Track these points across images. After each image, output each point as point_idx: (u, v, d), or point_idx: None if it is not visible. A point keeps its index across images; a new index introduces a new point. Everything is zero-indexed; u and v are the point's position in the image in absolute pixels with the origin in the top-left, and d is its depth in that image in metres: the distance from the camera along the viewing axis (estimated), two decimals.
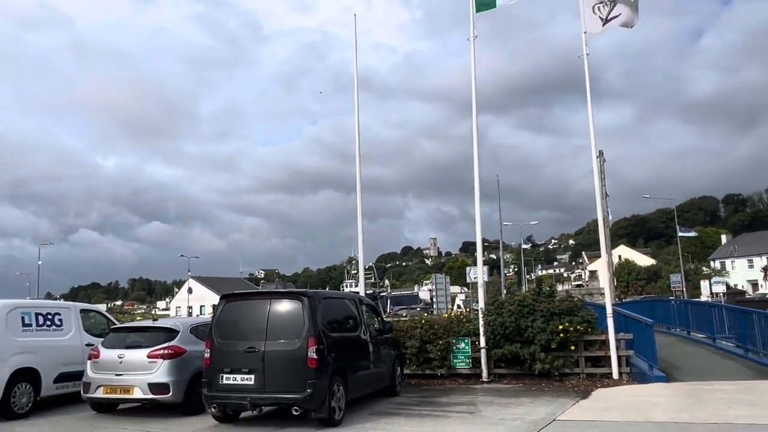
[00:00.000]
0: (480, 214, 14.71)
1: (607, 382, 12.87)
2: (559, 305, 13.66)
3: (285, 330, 9.38)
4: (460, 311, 24.17)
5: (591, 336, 13.53)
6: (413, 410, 10.49)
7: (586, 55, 14.25)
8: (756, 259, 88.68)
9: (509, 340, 13.55)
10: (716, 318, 15.72)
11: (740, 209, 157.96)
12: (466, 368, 14.07)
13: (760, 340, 13.23)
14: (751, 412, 8.95)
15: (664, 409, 9.54)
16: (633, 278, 78.76)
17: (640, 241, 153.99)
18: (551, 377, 13.25)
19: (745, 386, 11.02)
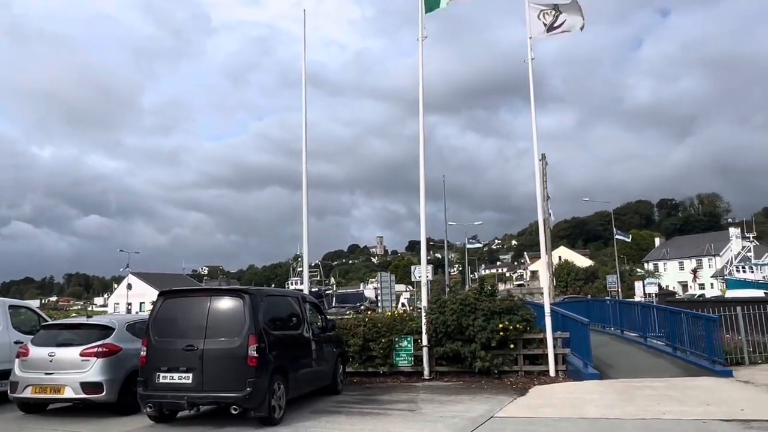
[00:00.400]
0: (425, 214, 14.88)
1: (544, 379, 13.21)
2: (499, 304, 13.94)
3: (225, 328, 9.23)
4: (405, 309, 24.34)
5: (530, 334, 13.86)
6: (354, 408, 10.49)
7: (531, 59, 14.57)
8: (686, 261, 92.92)
9: (451, 339, 13.73)
10: (648, 318, 16.38)
11: (673, 213, 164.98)
12: (408, 366, 14.18)
13: (687, 339, 13.86)
14: (678, 408, 9.36)
15: (597, 405, 9.86)
16: (572, 278, 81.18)
17: (579, 243, 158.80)
18: (491, 375, 13.51)
19: (673, 383, 11.52)
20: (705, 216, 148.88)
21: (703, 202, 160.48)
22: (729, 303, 17.84)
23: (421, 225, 14.89)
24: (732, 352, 13.98)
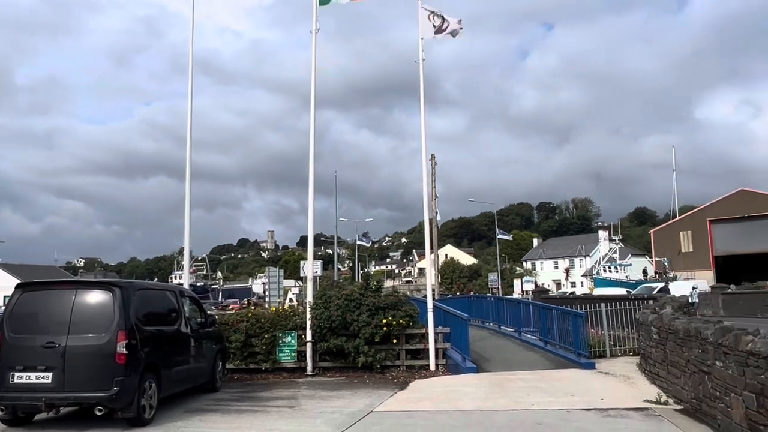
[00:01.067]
0: (312, 209, 14.73)
1: (424, 373, 13.51)
2: (384, 300, 14.09)
3: (92, 323, 8.61)
4: (292, 305, 24.03)
5: (413, 330, 14.12)
6: (232, 406, 10.17)
7: (422, 60, 14.85)
8: (560, 261, 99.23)
9: (335, 334, 13.70)
10: (522, 314, 17.28)
11: (551, 216, 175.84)
12: (291, 362, 13.99)
13: (557, 333, 14.73)
14: (546, 399, 9.90)
15: (472, 398, 10.22)
16: (457, 276, 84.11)
17: (465, 242, 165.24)
18: (374, 370, 13.62)
19: (543, 375, 12.20)
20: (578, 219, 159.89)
21: (577, 206, 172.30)
22: (595, 300, 19.18)
23: (309, 220, 14.75)
24: (596, 345, 15.02)
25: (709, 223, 64.72)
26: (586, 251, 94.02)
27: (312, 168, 14.77)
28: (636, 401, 9.58)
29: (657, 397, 9.67)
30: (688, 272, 59.27)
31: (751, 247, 60.90)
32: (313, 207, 14.73)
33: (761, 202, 60.66)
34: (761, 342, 6.69)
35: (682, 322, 9.47)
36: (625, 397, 9.99)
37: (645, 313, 12.06)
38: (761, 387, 6.48)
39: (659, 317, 10.76)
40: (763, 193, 63.11)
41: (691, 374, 8.85)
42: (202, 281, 79.19)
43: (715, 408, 7.90)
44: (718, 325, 8.31)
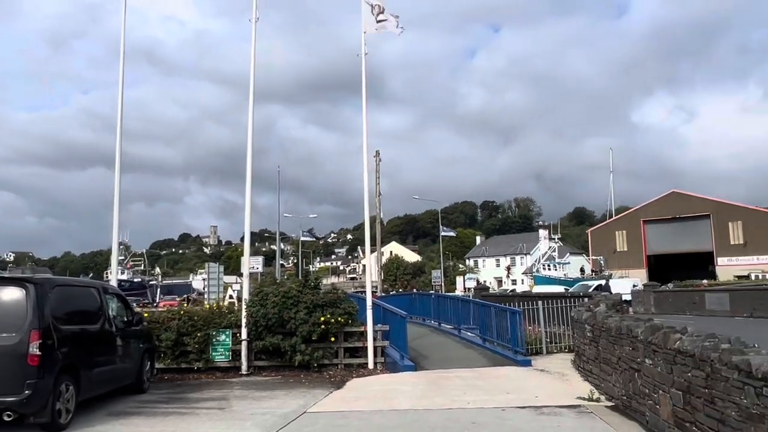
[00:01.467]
0: (250, 203, 14.30)
1: (362, 372, 13.33)
2: (323, 297, 13.82)
3: (3, 322, 8.02)
4: (232, 302, 23.42)
5: (351, 327, 13.92)
6: (158, 408, 9.70)
7: (364, 54, 14.63)
8: (502, 258, 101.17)
9: (272, 332, 13.35)
10: (461, 311, 17.34)
11: (494, 215, 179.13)
12: (226, 361, 13.55)
13: (495, 330, 14.82)
14: (482, 397, 9.87)
15: (409, 396, 10.09)
16: (401, 273, 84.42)
17: (410, 239, 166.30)
18: (311, 369, 13.35)
19: (479, 373, 12.21)
20: (520, 218, 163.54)
21: (519, 206, 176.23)
22: (534, 297, 19.48)
23: (246, 215, 14.30)
24: (533, 342, 15.20)
25: (642, 224, 67.28)
26: (527, 249, 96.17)
27: (250, 162, 14.35)
28: (569, 398, 9.66)
29: (590, 394, 9.78)
30: (623, 271, 61.44)
31: (681, 246, 63.65)
32: (250, 202, 14.33)
33: (692, 204, 63.49)
34: (689, 340, 6.79)
35: (615, 320, 9.61)
36: (559, 394, 10.07)
37: (580, 311, 12.24)
38: (688, 385, 6.58)
39: (593, 315, 10.92)
40: (693, 195, 66.05)
41: (622, 371, 8.98)
42: (139, 277, 76.78)
43: (644, 405, 8.01)
44: (648, 324, 8.44)
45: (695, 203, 63.58)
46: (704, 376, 6.14)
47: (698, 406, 6.30)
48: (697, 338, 6.81)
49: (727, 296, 25.66)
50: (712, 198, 64.97)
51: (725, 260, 60.65)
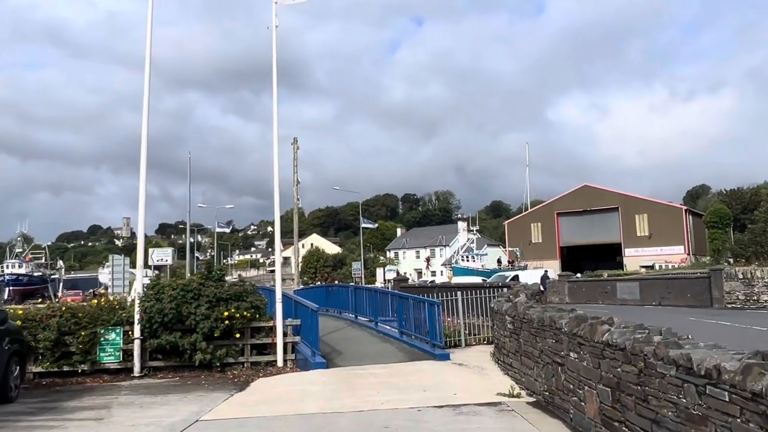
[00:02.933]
0: (144, 191, 12.86)
1: (270, 370, 12.31)
2: (227, 290, 12.67)
3: None
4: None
5: (259, 322, 12.85)
6: (22, 421, 8.29)
7: (275, 26, 13.51)
8: (422, 250, 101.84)
9: (169, 329, 12.06)
10: (378, 303, 16.58)
11: (414, 207, 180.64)
12: (116, 362, 12.14)
13: (413, 323, 14.13)
14: (397, 396, 9.09)
15: (317, 398, 9.17)
16: (321, 265, 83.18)
17: (331, 231, 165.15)
18: (213, 369, 12.19)
19: (395, 369, 11.45)
20: (440, 211, 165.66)
21: (439, 198, 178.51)
22: (452, 288, 19.01)
23: (140, 202, 12.88)
24: (452, 335, 14.64)
25: (556, 216, 69.33)
26: (446, 241, 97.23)
27: (145, 143, 12.93)
28: (489, 395, 9.06)
29: (510, 389, 9.22)
30: (538, 261, 63.05)
31: (591, 238, 66.06)
32: (144, 190, 12.88)
33: (602, 197, 65.96)
34: (618, 332, 6.24)
35: (537, 311, 9.07)
36: (478, 390, 9.46)
37: (500, 302, 11.72)
38: (617, 381, 6.02)
39: (513, 306, 10.38)
40: (604, 188, 68.69)
41: (545, 365, 8.45)
42: (40, 270, 71.45)
43: (568, 401, 7.47)
44: (572, 315, 7.93)
45: (605, 196, 66.10)
46: (636, 371, 5.58)
47: (629, 404, 5.74)
48: (626, 330, 6.28)
49: (637, 286, 26.35)
50: (620, 192, 67.81)
51: (632, 251, 63.45)
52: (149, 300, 12.10)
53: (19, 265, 67.03)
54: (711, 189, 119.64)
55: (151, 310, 11.88)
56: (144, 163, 12.75)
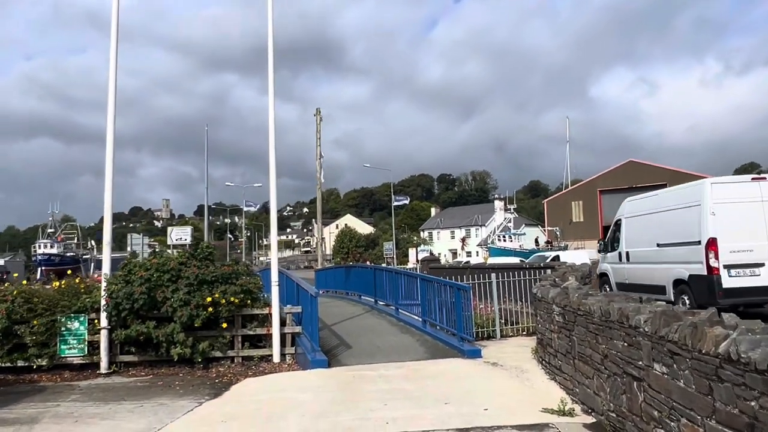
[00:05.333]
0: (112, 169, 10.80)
1: (264, 367, 10.21)
2: (213, 271, 10.57)
3: None
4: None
5: (252, 309, 10.73)
6: None
7: None
8: (457, 230, 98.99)
9: (141, 317, 10.05)
10: (400, 286, 14.32)
11: (450, 188, 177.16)
12: (80, 356, 10.20)
13: (438, 311, 11.83)
14: (408, 412, 6.86)
15: (304, 413, 6.99)
16: (353, 245, 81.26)
17: (366, 212, 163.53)
18: (195, 364, 10.15)
19: (412, 370, 9.18)
20: (476, 191, 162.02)
21: (475, 178, 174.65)
22: (487, 270, 16.62)
23: (106, 186, 10.82)
24: (484, 324, 12.33)
25: (599, 193, 65.67)
26: (482, 221, 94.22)
27: (111, 122, 10.84)
28: (531, 411, 6.76)
29: (560, 404, 6.88)
30: (579, 242, 59.80)
31: None
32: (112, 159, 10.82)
33: (649, 173, 62.02)
34: (748, 341, 3.83)
35: (599, 300, 6.66)
36: (517, 403, 7.15)
37: (544, 287, 9.30)
38: (751, 421, 3.65)
39: (563, 293, 7.98)
40: (650, 164, 64.71)
41: (611, 376, 6.07)
42: (72, 251, 71.41)
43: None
44: (656, 308, 5.52)
45: (652, 172, 62.08)
46: None
47: None
48: (763, 337, 3.88)
49: None
50: (668, 167, 63.70)
51: None
52: (117, 282, 10.07)
53: (51, 245, 66.94)
54: (761, 167, 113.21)
55: (117, 295, 9.85)
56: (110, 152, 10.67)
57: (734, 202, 11.12)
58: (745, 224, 11.04)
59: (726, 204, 11.07)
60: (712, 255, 10.85)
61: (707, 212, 11.00)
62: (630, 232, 13.85)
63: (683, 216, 11.75)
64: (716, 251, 10.82)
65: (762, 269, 10.96)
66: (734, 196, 11.21)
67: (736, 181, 12.04)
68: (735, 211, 11.06)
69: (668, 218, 12.37)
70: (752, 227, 11.02)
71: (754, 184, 11.42)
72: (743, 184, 11.63)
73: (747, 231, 11.02)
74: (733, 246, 10.92)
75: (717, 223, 10.88)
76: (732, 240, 10.91)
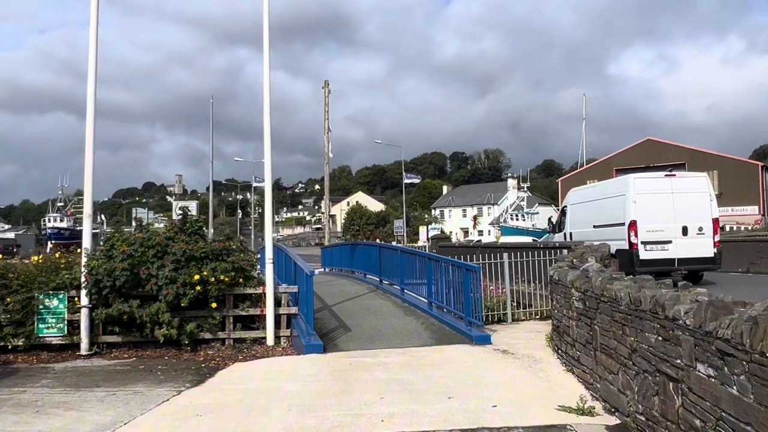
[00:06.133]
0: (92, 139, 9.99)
1: (256, 350, 9.50)
2: (202, 247, 9.81)
3: None
4: None
5: (245, 288, 9.99)
6: None
7: None
8: (468, 208, 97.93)
9: (123, 296, 9.33)
10: (406, 265, 13.51)
11: (463, 166, 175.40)
12: (59, 336, 9.53)
13: (444, 292, 11.02)
14: (406, 407, 6.08)
15: (290, 406, 6.23)
16: (363, 223, 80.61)
17: (378, 190, 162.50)
18: (182, 346, 9.45)
19: (415, 356, 8.40)
20: (489, 169, 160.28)
21: (488, 157, 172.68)
22: (499, 249, 15.76)
23: (87, 159, 10.03)
24: (495, 307, 11.53)
25: (615, 172, 64.20)
26: (495, 200, 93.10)
27: (92, 92, 9.99)
28: (546, 408, 5.97)
29: (580, 401, 6.07)
30: None
31: None
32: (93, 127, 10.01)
33: (667, 152, 60.44)
34: None
35: (626, 286, 5.79)
36: (529, 399, 6.35)
37: (561, 269, 8.44)
38: None
39: (584, 276, 7.12)
40: (669, 142, 63.05)
41: (641, 374, 5.24)
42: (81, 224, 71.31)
43: None
44: (696, 295, 4.66)
45: (670, 151, 60.49)
46: None
47: None
48: None
49: None
50: (687, 146, 62.03)
51: None
52: (98, 258, 9.34)
53: (60, 219, 66.85)
54: None
55: (97, 271, 9.12)
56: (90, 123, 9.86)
57: (651, 193, 14.27)
58: (658, 211, 14.12)
59: (644, 195, 14.19)
60: (633, 234, 14.05)
61: (630, 201, 14.17)
62: (573, 217, 17.38)
63: (613, 203, 14.93)
64: (636, 231, 14.07)
65: (669, 245, 14.17)
66: (651, 188, 14.42)
67: (653, 177, 15.17)
68: (651, 200, 14.16)
69: (602, 205, 15.58)
70: (663, 213, 14.14)
71: (666, 179, 14.70)
72: (658, 179, 14.84)
73: (659, 216, 14.10)
74: (649, 227, 14.04)
75: (637, 209, 14.08)
76: (648, 222, 14.03)
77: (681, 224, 14.15)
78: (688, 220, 14.21)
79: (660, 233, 14.02)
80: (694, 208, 14.27)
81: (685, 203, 14.18)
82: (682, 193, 14.29)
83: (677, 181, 14.61)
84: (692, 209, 14.25)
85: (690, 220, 14.23)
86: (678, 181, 14.62)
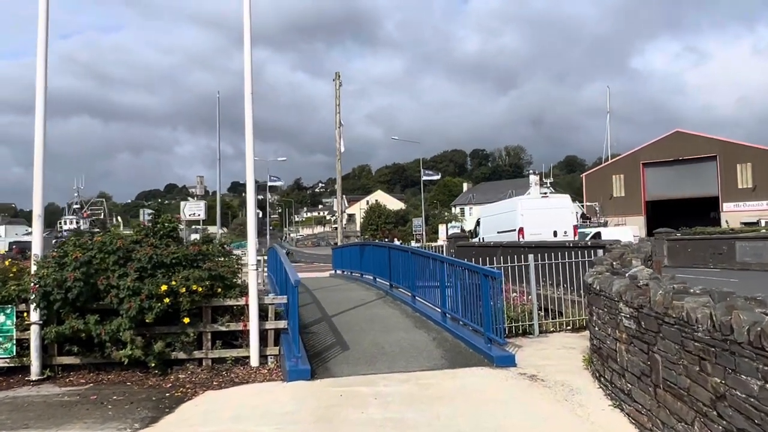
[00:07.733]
0: (42, 139, 8.59)
1: (236, 374, 8.04)
2: (174, 252, 8.37)
3: None
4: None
5: (225, 300, 8.52)
6: None
7: None
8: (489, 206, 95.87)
9: (79, 310, 7.93)
10: (417, 269, 11.94)
11: (484, 163, 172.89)
12: (6, 358, 8.15)
13: (461, 301, 9.42)
14: None
15: None
16: (382, 222, 79.13)
17: (397, 188, 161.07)
18: (150, 369, 8.02)
19: (420, 384, 6.83)
20: (510, 166, 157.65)
21: (509, 154, 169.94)
22: (523, 249, 14.12)
23: (36, 151, 8.65)
24: (519, 317, 9.93)
25: (642, 167, 61.75)
26: (516, 196, 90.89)
27: (42, 83, 8.55)
28: None
29: None
30: (619, 217, 56.46)
31: (683, 191, 58.41)
32: (43, 132, 8.61)
33: (696, 145, 57.92)
34: None
35: (703, 303, 4.18)
36: None
37: (602, 275, 6.81)
38: None
39: (634, 286, 5.51)
40: (699, 134, 60.46)
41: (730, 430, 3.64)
42: (97, 227, 71.00)
43: None
44: None
45: (700, 144, 57.86)
46: None
47: None
48: None
49: (765, 246, 20.42)
50: (718, 137, 59.30)
51: (731, 206, 55.47)
52: (49, 266, 7.94)
53: (76, 221, 66.49)
54: None
55: (45, 282, 7.72)
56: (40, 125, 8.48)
57: (533, 209, 21.73)
58: (537, 221, 20.96)
59: (529, 210, 21.68)
60: (521, 236, 20.61)
61: (519, 214, 21.56)
62: (484, 226, 25.54)
63: (509, 216, 22.37)
64: (523, 234, 20.75)
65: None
66: (533, 206, 22.16)
67: (535, 197, 24.36)
68: (533, 213, 21.37)
69: (503, 217, 23.20)
70: (540, 222, 20.93)
71: (544, 199, 23.26)
72: (538, 199, 23.34)
73: (538, 224, 20.79)
74: (531, 231, 20.56)
75: (524, 220, 21.23)
76: (531, 228, 20.75)
77: (552, 229, 20.79)
78: (558, 226, 21.02)
79: (539, 235, 19.87)
80: (561, 218, 21.27)
81: (556, 215, 21.19)
82: (553, 208, 21.73)
83: (550, 200, 23.04)
84: (560, 219, 21.20)
85: (559, 226, 21.04)
86: (550, 200, 23.04)
